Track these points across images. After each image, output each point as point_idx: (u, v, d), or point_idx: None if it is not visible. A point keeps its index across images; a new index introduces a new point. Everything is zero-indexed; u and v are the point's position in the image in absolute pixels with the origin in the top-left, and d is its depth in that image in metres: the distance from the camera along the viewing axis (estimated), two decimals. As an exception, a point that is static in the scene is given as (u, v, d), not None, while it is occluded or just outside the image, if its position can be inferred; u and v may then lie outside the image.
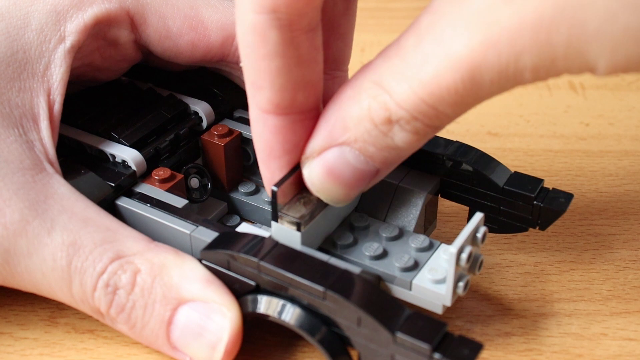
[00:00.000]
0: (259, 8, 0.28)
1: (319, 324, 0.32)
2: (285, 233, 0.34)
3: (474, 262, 0.33)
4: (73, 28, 0.37)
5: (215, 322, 0.33)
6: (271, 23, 0.29)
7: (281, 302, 0.32)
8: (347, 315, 0.30)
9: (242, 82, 0.44)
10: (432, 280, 0.33)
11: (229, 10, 0.41)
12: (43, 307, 0.38)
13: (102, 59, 0.41)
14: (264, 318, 0.33)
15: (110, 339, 0.37)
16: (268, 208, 0.41)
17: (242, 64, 0.31)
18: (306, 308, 0.32)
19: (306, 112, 0.32)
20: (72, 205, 0.34)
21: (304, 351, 0.36)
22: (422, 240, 0.35)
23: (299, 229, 0.33)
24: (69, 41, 0.37)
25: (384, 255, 0.35)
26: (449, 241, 0.36)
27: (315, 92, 0.32)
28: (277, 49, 0.29)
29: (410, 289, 0.33)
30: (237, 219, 0.42)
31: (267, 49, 0.29)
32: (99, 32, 0.39)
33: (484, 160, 0.37)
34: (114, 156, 0.39)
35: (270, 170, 0.33)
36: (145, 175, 0.39)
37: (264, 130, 0.32)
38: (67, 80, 0.37)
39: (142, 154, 0.39)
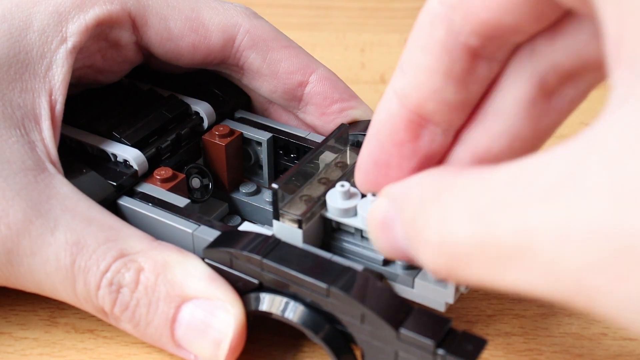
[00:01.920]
0: None
1: (323, 322, 0.32)
2: (286, 231, 0.34)
3: (477, 260, 0.33)
4: (75, 29, 0.37)
5: (219, 319, 0.33)
6: (443, 17, 0.27)
7: (284, 299, 0.32)
8: (350, 312, 0.30)
9: (242, 84, 0.44)
10: (434, 278, 0.33)
11: (230, 12, 0.41)
12: (43, 307, 0.38)
13: (104, 61, 0.41)
14: (267, 316, 0.33)
15: (110, 339, 0.37)
16: (269, 208, 0.41)
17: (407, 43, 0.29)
18: (309, 305, 0.32)
19: (432, 125, 0.29)
20: (74, 205, 0.34)
21: (304, 350, 0.36)
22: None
23: (300, 227, 0.33)
24: (70, 42, 0.37)
25: None
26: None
27: (450, 116, 0.29)
28: (435, 47, 0.27)
29: (412, 287, 0.33)
30: (238, 219, 0.42)
31: (427, 41, 0.28)
32: (101, 33, 0.39)
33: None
34: (115, 156, 0.39)
35: (366, 143, 0.31)
36: (146, 175, 0.39)
37: (383, 106, 0.29)
38: (68, 80, 0.37)
39: (143, 154, 0.39)
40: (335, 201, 0.33)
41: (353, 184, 0.33)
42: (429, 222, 0.25)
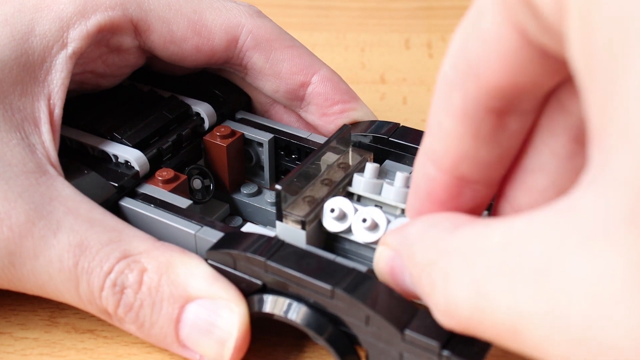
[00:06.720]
0: (452, 62, 0.27)
1: (327, 323, 0.32)
2: (290, 232, 0.34)
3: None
4: (76, 35, 0.37)
5: (223, 318, 0.33)
6: (457, 84, 0.26)
7: (288, 301, 0.32)
8: (355, 313, 0.31)
9: (245, 83, 0.44)
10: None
11: (232, 12, 0.41)
12: (43, 307, 0.38)
13: (105, 66, 0.41)
14: (270, 317, 0.33)
15: (110, 339, 0.37)
16: (270, 209, 0.41)
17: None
18: (313, 307, 0.32)
19: (471, 183, 0.29)
20: (77, 207, 0.34)
21: (305, 351, 0.36)
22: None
23: (303, 228, 0.34)
24: (70, 47, 0.37)
25: None
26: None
27: (487, 172, 0.28)
28: (456, 113, 0.27)
29: (415, 288, 0.34)
30: (239, 220, 0.42)
31: (448, 107, 0.27)
32: (102, 39, 0.39)
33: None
34: (116, 157, 0.39)
35: (409, 203, 0.31)
36: (148, 176, 0.39)
37: (418, 170, 0.29)
38: (67, 85, 0.37)
39: (144, 155, 0.39)
40: (330, 224, 0.34)
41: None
42: (435, 286, 0.26)
